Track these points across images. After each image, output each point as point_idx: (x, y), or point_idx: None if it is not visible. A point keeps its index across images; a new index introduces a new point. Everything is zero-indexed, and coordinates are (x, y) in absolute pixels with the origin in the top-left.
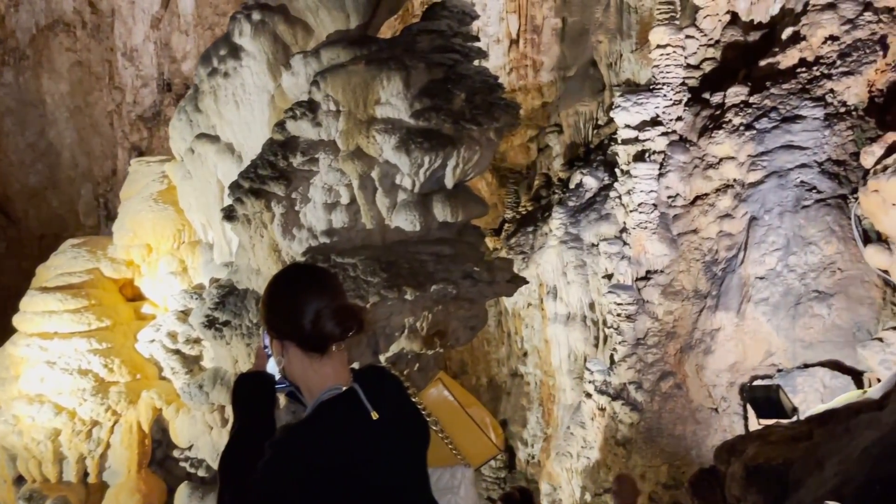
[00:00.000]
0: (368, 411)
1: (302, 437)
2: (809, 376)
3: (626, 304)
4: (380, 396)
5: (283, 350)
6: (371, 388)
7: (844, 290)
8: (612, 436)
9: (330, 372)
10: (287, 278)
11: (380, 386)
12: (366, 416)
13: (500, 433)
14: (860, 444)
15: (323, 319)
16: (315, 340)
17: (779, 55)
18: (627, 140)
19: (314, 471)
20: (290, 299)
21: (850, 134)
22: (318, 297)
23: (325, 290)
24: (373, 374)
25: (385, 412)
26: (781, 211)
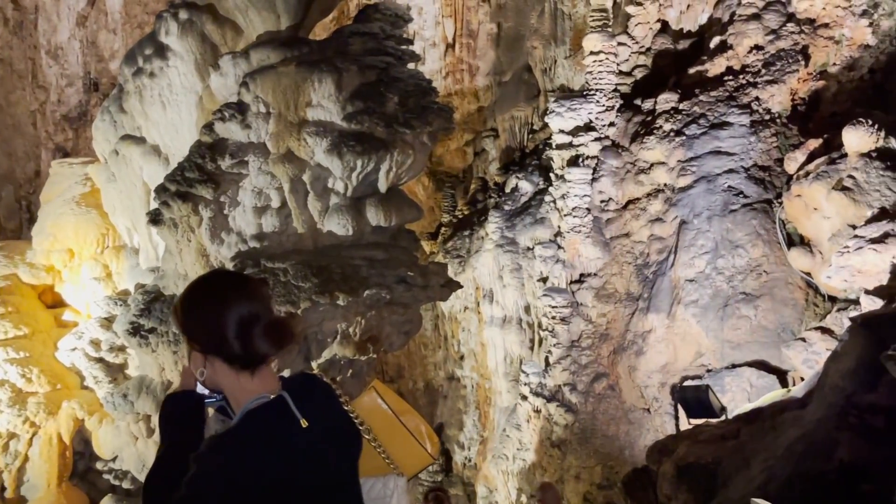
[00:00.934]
0: (297, 419)
1: (227, 448)
2: (737, 376)
3: (560, 307)
4: (310, 404)
5: (206, 362)
6: (301, 396)
7: (770, 291)
8: (548, 437)
9: (258, 382)
10: (209, 286)
11: (310, 394)
12: (295, 425)
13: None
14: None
15: (254, 336)
16: (245, 358)
17: (707, 63)
18: (562, 145)
19: (239, 484)
20: (212, 310)
21: (774, 140)
22: (245, 308)
23: (253, 300)
24: (303, 381)
25: (315, 421)
26: (710, 215)
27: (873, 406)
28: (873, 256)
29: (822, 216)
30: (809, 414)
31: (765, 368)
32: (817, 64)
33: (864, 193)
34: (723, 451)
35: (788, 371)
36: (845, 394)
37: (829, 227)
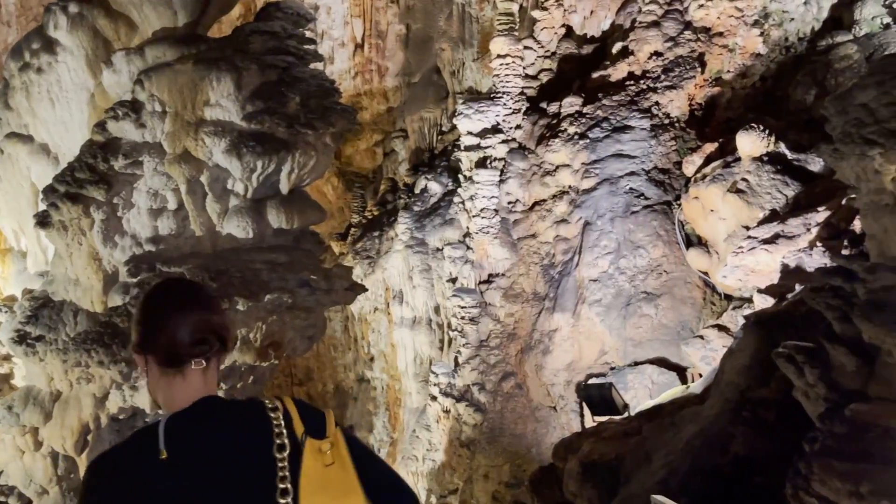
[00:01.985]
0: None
1: (90, 471)
2: (639, 373)
3: (469, 307)
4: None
5: (146, 365)
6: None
7: (670, 290)
8: (457, 437)
9: (184, 394)
10: (155, 290)
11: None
12: (153, 456)
13: None
14: (684, 436)
15: (179, 331)
16: (167, 352)
17: (609, 68)
18: (470, 147)
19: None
20: (152, 310)
21: (673, 144)
22: (180, 310)
23: (189, 302)
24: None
25: (188, 455)
26: (613, 216)
27: (765, 401)
28: (765, 256)
29: (718, 217)
30: (707, 409)
31: (665, 365)
32: (713, 71)
33: (757, 196)
34: (625, 447)
35: (688, 368)
36: (740, 389)
37: (724, 228)
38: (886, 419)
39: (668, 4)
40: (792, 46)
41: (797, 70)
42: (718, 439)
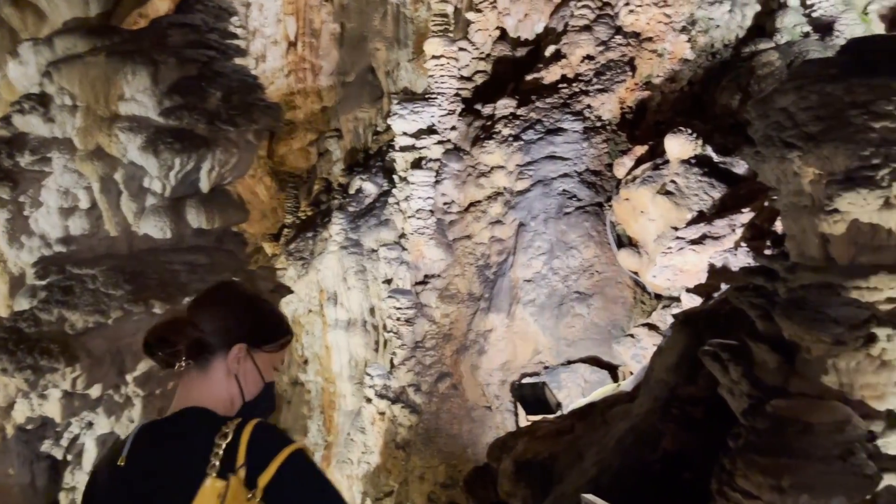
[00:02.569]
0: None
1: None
2: (572, 372)
3: (405, 309)
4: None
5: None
6: (156, 433)
7: (601, 290)
8: (392, 439)
9: (176, 401)
10: None
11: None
12: (116, 462)
13: None
14: (615, 434)
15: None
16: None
17: (543, 71)
18: (405, 147)
19: None
20: None
21: (605, 146)
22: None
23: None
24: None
25: (136, 467)
26: (546, 217)
27: (693, 398)
28: (693, 257)
29: (648, 219)
30: (637, 407)
31: (598, 364)
32: (643, 75)
33: (685, 197)
34: (558, 446)
35: (619, 366)
36: (669, 387)
37: (654, 229)
38: (806, 414)
39: (599, 9)
40: (718, 52)
41: (723, 75)
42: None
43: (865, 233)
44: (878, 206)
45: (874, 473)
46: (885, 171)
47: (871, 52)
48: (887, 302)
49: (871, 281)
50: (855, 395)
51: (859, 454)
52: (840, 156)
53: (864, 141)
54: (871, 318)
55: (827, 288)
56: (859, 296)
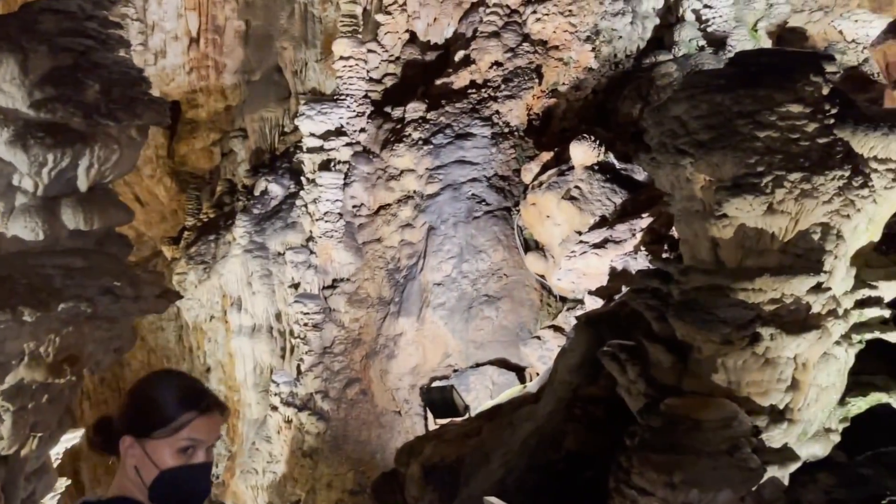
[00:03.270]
0: None
1: None
2: (480, 374)
3: (312, 314)
4: None
5: None
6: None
7: (510, 293)
8: (299, 447)
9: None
10: None
11: None
12: None
13: None
14: (521, 435)
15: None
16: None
17: (452, 76)
18: (313, 148)
19: None
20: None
21: (513, 152)
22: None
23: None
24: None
25: None
26: (456, 221)
27: (594, 397)
28: (595, 260)
29: (554, 223)
30: (542, 408)
31: (505, 366)
32: (549, 83)
33: (589, 203)
34: (466, 449)
35: (526, 367)
36: (571, 387)
37: (559, 234)
38: (697, 412)
39: (507, 16)
40: (620, 63)
41: (625, 85)
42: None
43: (751, 237)
44: (762, 212)
45: (758, 467)
46: (768, 178)
47: (756, 64)
48: (770, 303)
49: (756, 283)
50: (741, 392)
51: (745, 449)
52: (728, 163)
53: (750, 149)
54: (756, 319)
55: (716, 290)
56: (745, 297)
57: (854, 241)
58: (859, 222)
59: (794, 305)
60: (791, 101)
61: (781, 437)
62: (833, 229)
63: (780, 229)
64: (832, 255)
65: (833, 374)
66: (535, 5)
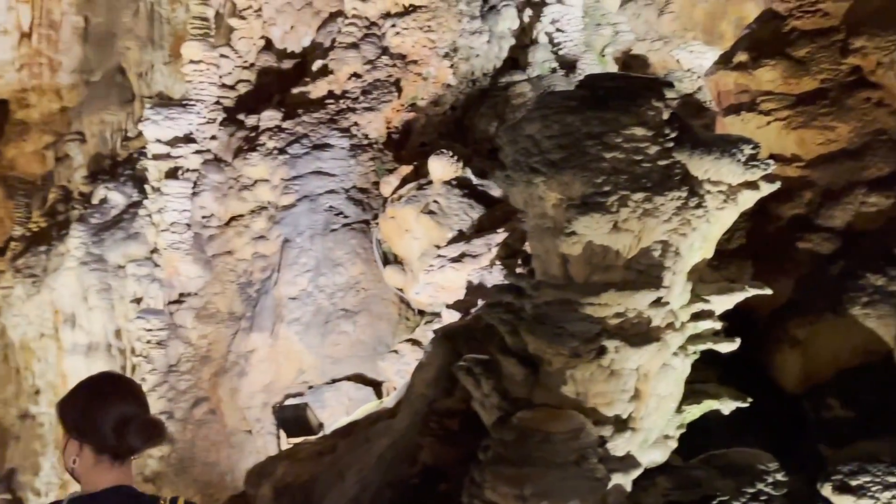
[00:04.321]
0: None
1: None
2: (336, 390)
3: (156, 330)
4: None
5: (79, 451)
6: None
7: (367, 307)
8: (140, 472)
9: (113, 478)
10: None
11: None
12: None
13: None
14: (376, 451)
15: (129, 431)
16: (116, 449)
17: (310, 85)
18: (159, 155)
19: None
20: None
21: (372, 164)
22: (123, 405)
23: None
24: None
25: None
26: (312, 234)
27: (450, 411)
28: (453, 274)
29: (413, 237)
30: (398, 423)
31: (362, 381)
32: (408, 97)
33: (447, 217)
34: (320, 467)
35: (383, 382)
36: (428, 401)
37: (418, 247)
38: (547, 424)
39: (366, 28)
40: (478, 80)
41: (482, 102)
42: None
43: (598, 254)
44: (608, 230)
45: (604, 476)
46: (614, 197)
47: (604, 88)
48: (615, 317)
49: (602, 298)
50: (589, 403)
51: (591, 459)
52: (578, 182)
53: (598, 169)
54: (602, 332)
55: (566, 304)
56: (592, 311)
57: (690, 257)
58: (695, 240)
59: (637, 319)
60: (635, 124)
61: (625, 445)
62: (672, 247)
63: (624, 246)
64: (671, 272)
65: (671, 384)
66: (395, 19)
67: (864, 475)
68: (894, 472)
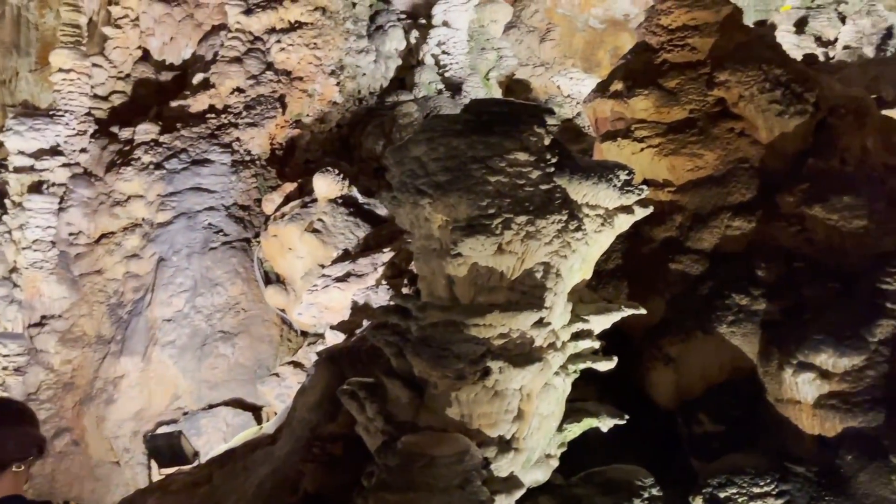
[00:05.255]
0: None
1: None
2: (213, 417)
3: (14, 356)
4: None
5: None
6: None
7: (248, 329)
8: None
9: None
10: None
11: None
12: None
13: None
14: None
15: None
16: None
17: (190, 98)
18: (21, 168)
19: None
20: None
21: (254, 181)
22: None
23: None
24: None
25: None
26: (190, 252)
27: (334, 436)
28: (338, 294)
29: (296, 256)
30: (279, 449)
31: (241, 406)
32: (293, 113)
33: (332, 236)
34: (194, 499)
35: (263, 407)
36: (311, 426)
37: (302, 267)
38: (431, 448)
39: (250, 43)
40: (364, 99)
41: (369, 121)
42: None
43: (483, 275)
44: (493, 252)
45: (487, 498)
46: (498, 220)
47: (488, 113)
48: (499, 337)
49: (487, 318)
50: (474, 425)
51: (475, 482)
52: (463, 204)
53: (483, 193)
54: (487, 353)
55: (452, 325)
56: (477, 332)
57: (570, 279)
58: (574, 262)
59: (520, 339)
60: (518, 149)
61: (508, 466)
62: (553, 268)
63: (508, 268)
64: (552, 292)
65: (553, 403)
66: (280, 35)
67: (732, 487)
68: (758, 483)
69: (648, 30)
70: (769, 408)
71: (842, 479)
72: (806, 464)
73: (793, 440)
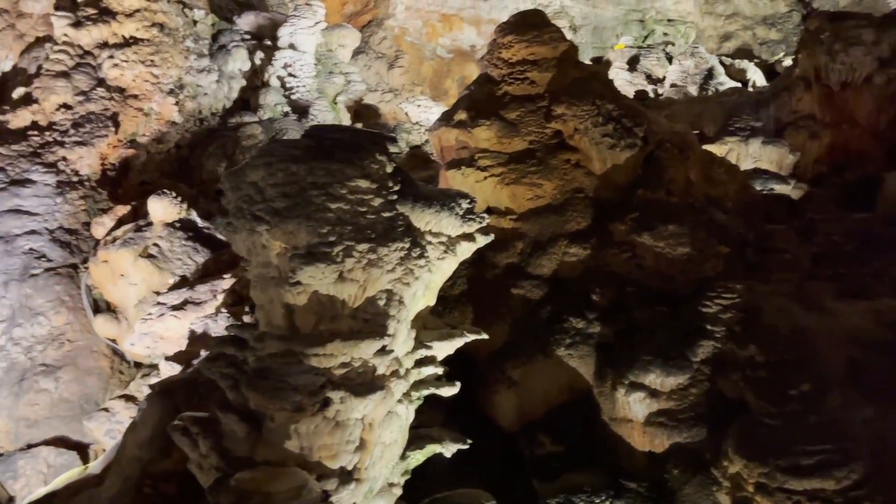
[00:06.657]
0: None
1: None
2: (32, 458)
3: None
4: None
5: None
6: None
7: (73, 361)
8: None
9: None
10: None
11: None
12: None
13: None
14: None
15: None
16: None
17: (9, 114)
18: None
19: None
20: None
21: (82, 203)
22: None
23: None
24: None
25: None
26: (7, 280)
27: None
28: (174, 323)
29: (129, 283)
30: (106, 491)
31: (65, 445)
32: (128, 132)
33: (169, 261)
34: None
35: (90, 445)
36: (142, 464)
37: (135, 294)
38: (267, 485)
39: (80, 57)
40: (206, 119)
41: (210, 142)
42: None
43: (324, 303)
44: (334, 280)
45: None
46: (339, 247)
47: (329, 139)
48: (341, 367)
49: (328, 348)
50: (314, 457)
51: None
52: (303, 232)
53: (323, 220)
54: (327, 383)
55: (290, 356)
56: (318, 363)
57: (413, 306)
58: (418, 289)
59: (362, 368)
60: (359, 176)
61: (350, 497)
62: (396, 296)
63: (350, 296)
64: (395, 320)
65: (396, 431)
66: (113, 50)
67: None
68: (594, 500)
69: (490, 62)
70: (604, 426)
71: (669, 492)
72: (638, 479)
73: (626, 457)
